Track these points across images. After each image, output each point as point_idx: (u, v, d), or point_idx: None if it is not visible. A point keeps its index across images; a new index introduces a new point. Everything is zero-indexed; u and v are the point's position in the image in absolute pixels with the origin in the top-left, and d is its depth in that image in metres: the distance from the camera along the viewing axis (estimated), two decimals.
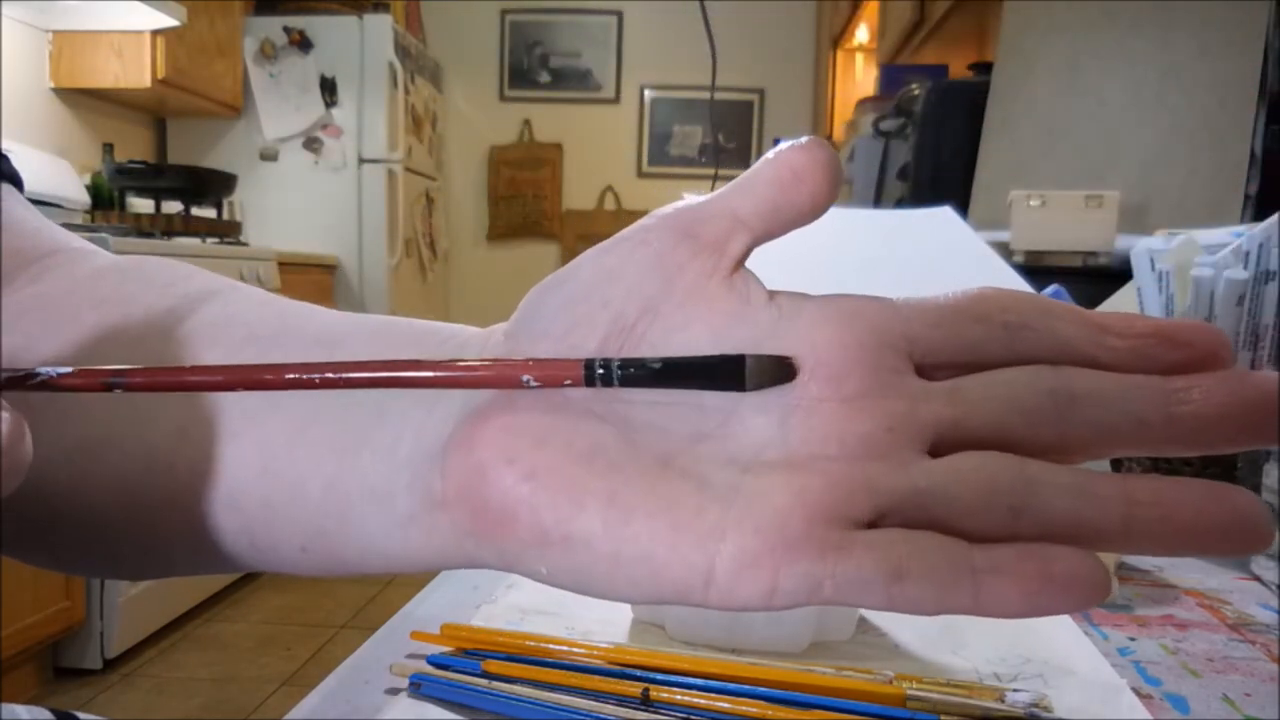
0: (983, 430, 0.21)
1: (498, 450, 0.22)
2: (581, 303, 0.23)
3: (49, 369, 0.23)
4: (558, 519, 0.21)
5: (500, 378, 0.22)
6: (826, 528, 0.20)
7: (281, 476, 0.26)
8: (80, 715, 0.40)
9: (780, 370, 0.21)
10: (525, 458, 0.21)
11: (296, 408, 0.26)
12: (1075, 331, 0.21)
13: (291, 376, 0.23)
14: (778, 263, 0.26)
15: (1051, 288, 0.76)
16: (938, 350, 0.22)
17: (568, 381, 0.22)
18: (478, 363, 0.22)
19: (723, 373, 0.21)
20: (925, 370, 0.22)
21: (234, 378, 0.23)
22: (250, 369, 0.23)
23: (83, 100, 3.17)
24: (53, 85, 3.04)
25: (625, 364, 0.21)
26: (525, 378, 0.22)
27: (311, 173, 3.63)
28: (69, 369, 0.23)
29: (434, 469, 0.23)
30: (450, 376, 0.22)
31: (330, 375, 0.23)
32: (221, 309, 0.29)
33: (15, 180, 0.36)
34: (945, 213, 1.05)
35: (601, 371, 0.21)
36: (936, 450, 0.21)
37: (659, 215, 0.24)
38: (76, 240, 0.34)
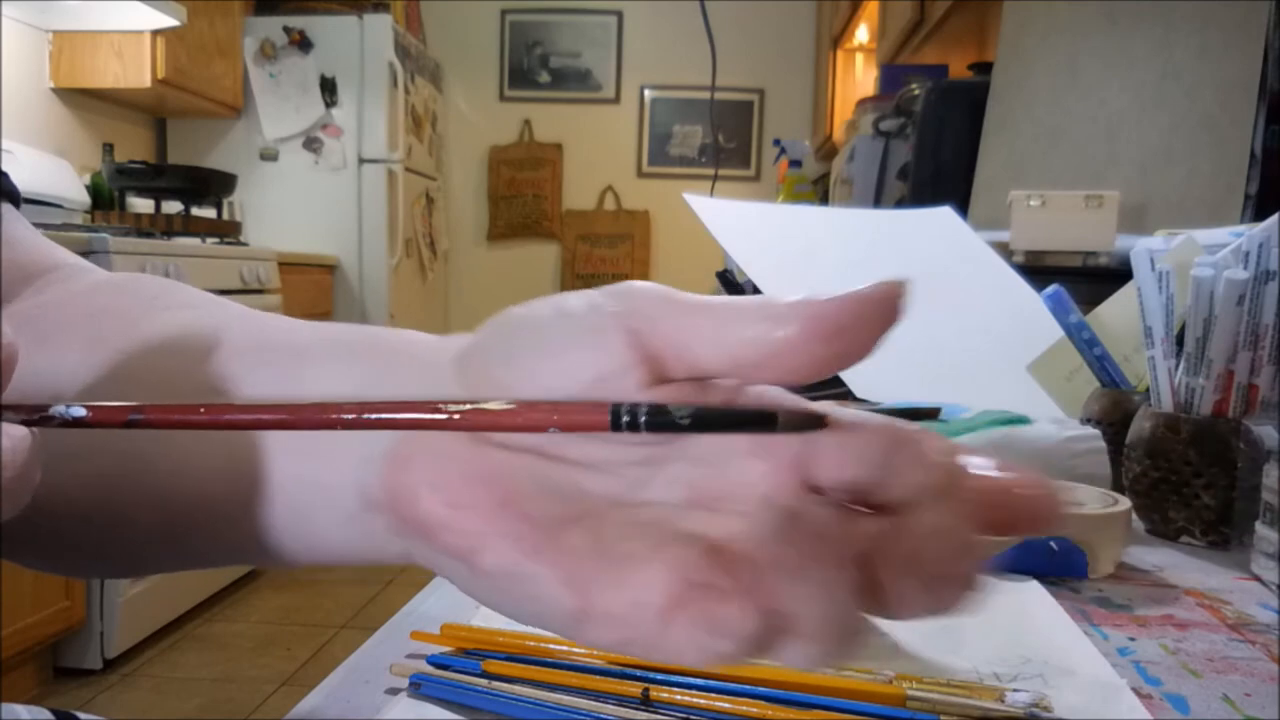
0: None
1: (426, 474, 0.23)
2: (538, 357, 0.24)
3: (61, 408, 0.24)
4: (469, 548, 0.22)
5: (526, 423, 0.22)
6: (704, 582, 0.20)
7: (247, 477, 0.28)
8: (80, 715, 0.40)
9: (812, 422, 0.21)
10: (448, 488, 0.23)
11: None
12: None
13: (307, 416, 0.23)
14: (780, 264, 0.26)
15: (1051, 288, 0.76)
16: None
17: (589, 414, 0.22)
18: (502, 408, 0.23)
19: (753, 423, 0.21)
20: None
21: (251, 416, 0.24)
22: (268, 408, 0.24)
23: (83, 100, 3.17)
24: (53, 85, 3.04)
25: (652, 410, 0.21)
26: (550, 429, 0.22)
27: (311, 173, 3.63)
28: (82, 410, 0.23)
29: (372, 475, 0.24)
30: (470, 420, 0.23)
31: (347, 416, 0.23)
32: (197, 321, 0.32)
33: (14, 196, 0.38)
34: (945, 213, 1.05)
35: (628, 418, 0.21)
36: None
37: (626, 312, 0.23)
38: (72, 256, 0.38)
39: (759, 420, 0.21)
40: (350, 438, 0.25)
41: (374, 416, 0.23)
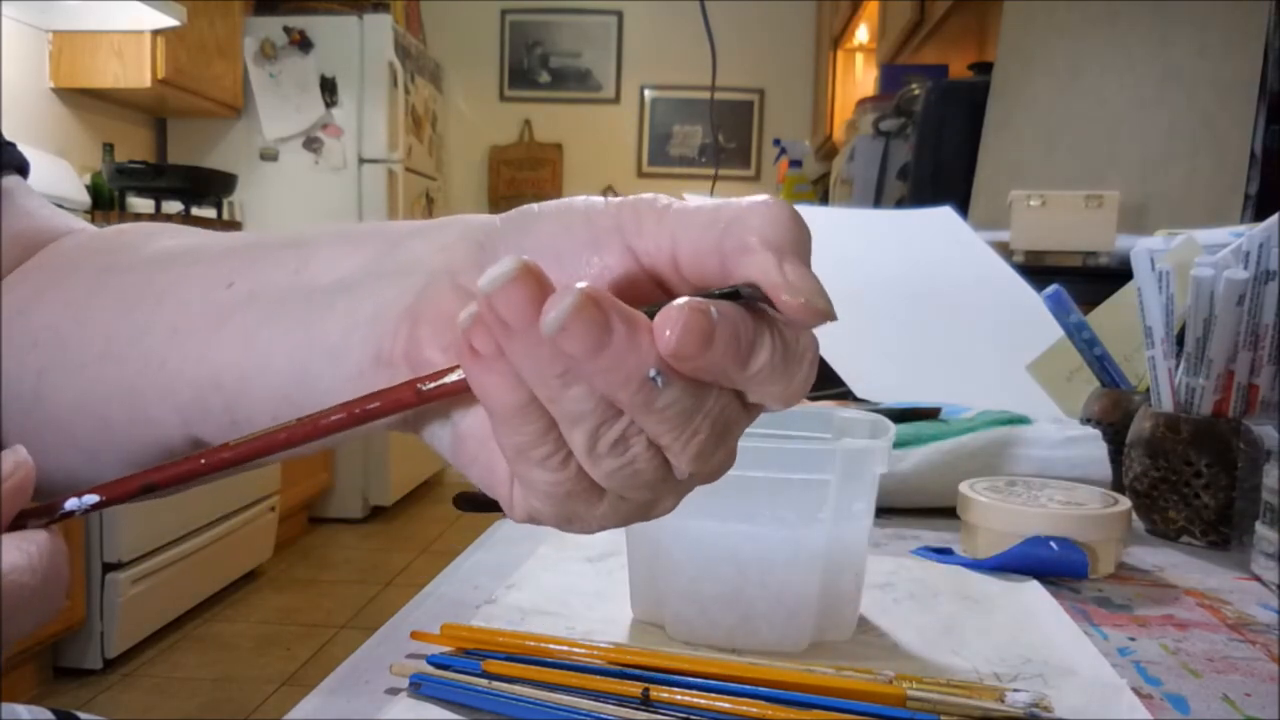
0: None
1: (437, 335, 0.26)
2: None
3: (75, 502, 0.26)
4: (456, 406, 0.26)
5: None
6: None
7: (254, 351, 0.30)
8: (80, 715, 0.40)
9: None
10: (455, 350, 0.25)
11: (275, 297, 0.30)
12: None
13: (286, 434, 0.26)
14: None
15: (1051, 288, 0.76)
16: None
17: None
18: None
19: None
20: None
21: (241, 452, 0.26)
22: (257, 438, 0.26)
23: (83, 100, 3.17)
24: (53, 85, 3.04)
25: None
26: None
27: (311, 173, 3.63)
28: (94, 499, 0.26)
29: (387, 331, 0.27)
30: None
31: (336, 417, 0.25)
32: (188, 240, 0.36)
33: (23, 167, 0.41)
34: (946, 213, 1.05)
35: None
36: None
37: (619, 225, 0.26)
38: (79, 222, 0.42)
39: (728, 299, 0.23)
40: (368, 302, 0.28)
41: (362, 409, 0.25)
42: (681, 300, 0.22)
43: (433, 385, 0.24)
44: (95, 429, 0.34)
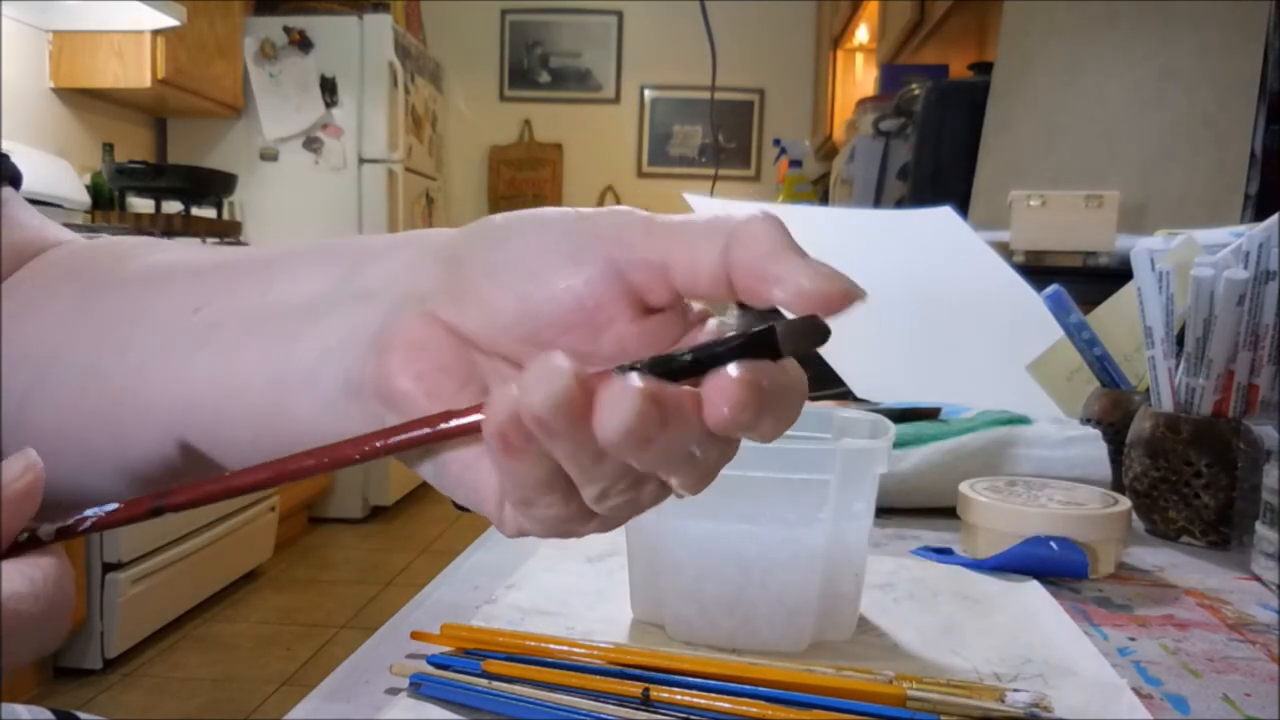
0: None
1: (408, 363, 0.26)
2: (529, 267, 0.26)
3: (94, 510, 0.25)
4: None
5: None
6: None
7: (231, 379, 0.30)
8: (80, 715, 0.40)
9: (814, 330, 0.22)
10: (427, 379, 0.25)
11: (243, 322, 0.30)
12: None
13: (311, 463, 0.25)
14: None
15: (1051, 288, 0.75)
16: None
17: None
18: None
19: (757, 346, 0.22)
20: None
21: (254, 478, 0.26)
22: (271, 466, 0.26)
23: (83, 100, 3.17)
24: (53, 85, 3.04)
25: (654, 363, 0.22)
26: None
27: (311, 173, 3.63)
28: (114, 506, 0.25)
29: (356, 358, 0.27)
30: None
31: (379, 444, 0.25)
32: (164, 258, 0.36)
33: (15, 178, 0.41)
34: (946, 213, 1.05)
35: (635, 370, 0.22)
36: None
37: (598, 238, 0.25)
38: (67, 233, 0.42)
39: (759, 342, 0.22)
40: (338, 326, 0.28)
41: (396, 439, 0.25)
42: (732, 370, 0.21)
43: (458, 423, 0.24)
44: (77, 447, 0.34)
